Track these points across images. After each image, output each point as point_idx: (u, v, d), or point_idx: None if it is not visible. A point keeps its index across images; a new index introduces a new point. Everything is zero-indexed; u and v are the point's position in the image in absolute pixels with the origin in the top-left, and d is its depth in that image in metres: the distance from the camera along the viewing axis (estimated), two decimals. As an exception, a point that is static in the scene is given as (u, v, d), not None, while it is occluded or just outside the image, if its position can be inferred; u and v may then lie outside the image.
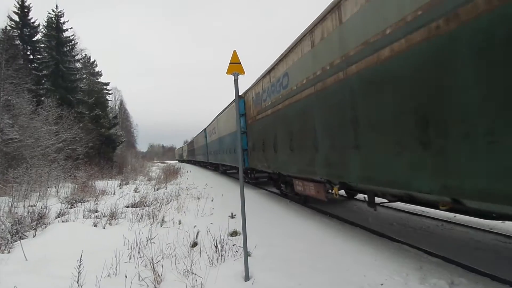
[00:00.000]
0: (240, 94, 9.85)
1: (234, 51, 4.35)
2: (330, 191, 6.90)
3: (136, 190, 13.38)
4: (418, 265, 4.42)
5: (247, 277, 4.09)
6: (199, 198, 11.04)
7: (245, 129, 12.57)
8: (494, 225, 6.04)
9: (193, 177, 21.97)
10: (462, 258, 4.50)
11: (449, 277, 3.93)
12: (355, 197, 9.66)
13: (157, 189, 14.09)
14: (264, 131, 10.04)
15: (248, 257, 4.31)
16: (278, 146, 8.77)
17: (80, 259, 4.01)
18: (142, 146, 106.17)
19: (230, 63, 4.32)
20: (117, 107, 50.18)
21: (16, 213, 7.22)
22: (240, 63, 4.35)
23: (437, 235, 5.95)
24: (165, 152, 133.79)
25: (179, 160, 76.58)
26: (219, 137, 19.96)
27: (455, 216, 6.45)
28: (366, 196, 5.86)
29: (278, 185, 10.98)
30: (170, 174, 21.96)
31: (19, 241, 5.39)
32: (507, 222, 5.53)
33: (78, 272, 3.83)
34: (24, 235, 6.05)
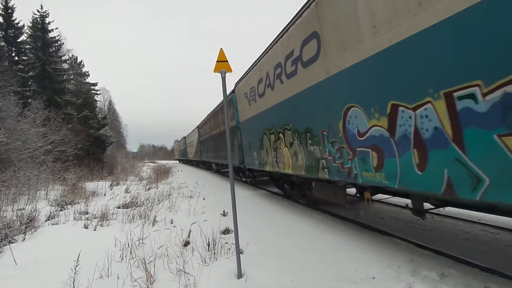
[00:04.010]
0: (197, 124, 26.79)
1: (221, 49, 4.32)
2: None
3: (127, 191, 13.28)
4: (409, 257, 4.48)
5: (239, 275, 4.09)
6: (191, 197, 11.01)
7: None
8: (482, 217, 6.14)
9: (185, 176, 21.88)
10: (452, 250, 4.57)
11: (440, 269, 4.00)
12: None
13: (148, 189, 14.01)
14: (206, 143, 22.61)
15: (241, 254, 4.31)
16: (211, 149, 21.15)
17: (77, 260, 3.97)
18: (132, 146, 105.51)
19: (217, 61, 4.29)
20: (106, 107, 49.68)
21: (5, 217, 7.10)
22: (227, 61, 4.33)
23: (427, 227, 6.03)
24: (155, 152, 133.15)
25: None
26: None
27: (444, 209, 6.57)
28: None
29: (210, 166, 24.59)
30: (161, 174, 21.84)
31: (8, 245, 5.31)
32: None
33: (75, 273, 3.79)
34: (13, 239, 5.96)
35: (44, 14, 22.89)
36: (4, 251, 5.25)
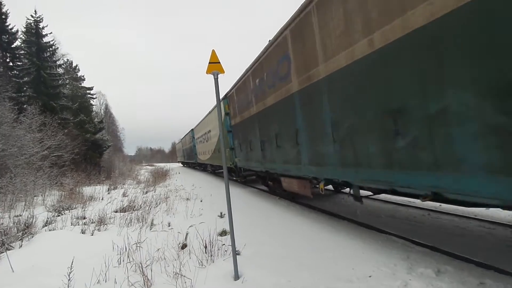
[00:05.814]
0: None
1: (213, 51, 4.33)
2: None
3: (124, 195, 13.25)
4: (406, 255, 4.49)
5: (236, 276, 4.10)
6: (188, 199, 11.00)
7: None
8: (478, 212, 6.18)
9: (182, 178, 21.86)
10: (448, 246, 4.59)
11: (436, 266, 4.01)
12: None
13: (146, 192, 13.99)
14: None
15: (237, 256, 4.32)
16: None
17: (71, 266, 3.96)
18: (129, 149, 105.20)
19: (209, 62, 4.30)
20: (102, 111, 49.56)
21: (2, 224, 7.08)
22: (219, 62, 4.34)
23: (424, 224, 6.05)
24: (153, 155, 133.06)
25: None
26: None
27: (440, 205, 6.63)
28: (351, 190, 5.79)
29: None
30: (159, 177, 21.84)
31: (5, 253, 5.29)
32: (490, 209, 5.59)
33: (69, 279, 3.78)
34: (10, 246, 5.94)
35: (38, 19, 22.82)
36: (1, 258, 5.23)
